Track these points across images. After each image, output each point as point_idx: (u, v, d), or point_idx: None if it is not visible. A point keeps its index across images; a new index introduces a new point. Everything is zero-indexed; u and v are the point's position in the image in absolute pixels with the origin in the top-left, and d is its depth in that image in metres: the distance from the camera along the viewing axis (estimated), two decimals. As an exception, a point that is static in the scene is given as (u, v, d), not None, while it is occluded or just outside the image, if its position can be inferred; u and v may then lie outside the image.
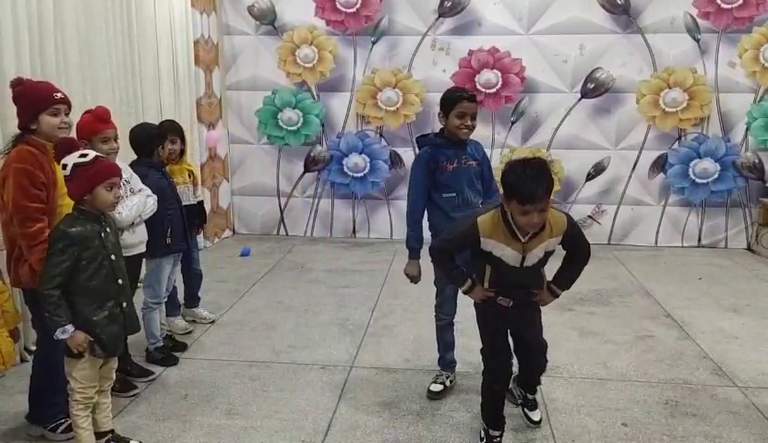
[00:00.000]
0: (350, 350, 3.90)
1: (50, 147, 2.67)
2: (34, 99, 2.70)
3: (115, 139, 3.14)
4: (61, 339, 2.44)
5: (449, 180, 3.09)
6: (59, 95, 2.74)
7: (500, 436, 2.80)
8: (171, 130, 3.98)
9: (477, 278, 2.65)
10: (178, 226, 3.70)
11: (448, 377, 3.35)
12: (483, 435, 2.82)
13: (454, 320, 3.32)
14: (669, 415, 3.09)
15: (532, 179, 2.30)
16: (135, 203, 3.22)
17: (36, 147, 2.66)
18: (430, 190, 3.13)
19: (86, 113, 3.16)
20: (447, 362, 3.38)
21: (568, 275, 2.69)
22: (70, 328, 2.43)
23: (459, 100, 3.02)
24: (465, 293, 2.70)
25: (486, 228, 2.48)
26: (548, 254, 2.60)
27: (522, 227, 2.43)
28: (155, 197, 3.38)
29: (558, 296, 2.73)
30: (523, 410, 3.04)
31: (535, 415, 3.00)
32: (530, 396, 3.01)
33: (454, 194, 3.10)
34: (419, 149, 3.22)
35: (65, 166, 2.46)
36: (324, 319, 4.42)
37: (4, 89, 3.59)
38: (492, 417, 2.80)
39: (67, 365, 2.56)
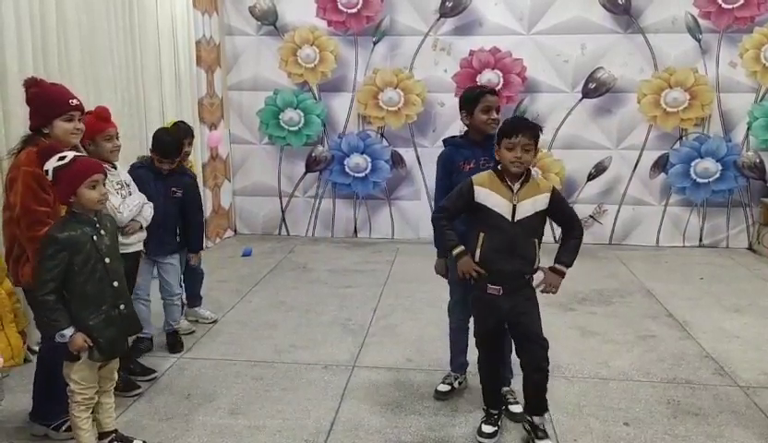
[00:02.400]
0: (352, 350, 3.91)
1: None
2: (49, 103, 2.71)
3: (117, 137, 3.17)
4: (60, 342, 2.44)
5: None
6: (75, 102, 2.75)
7: (498, 413, 2.94)
8: (189, 134, 4.08)
9: (470, 252, 2.72)
10: (153, 234, 3.55)
11: (456, 379, 3.32)
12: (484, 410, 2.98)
13: (468, 326, 3.20)
14: (671, 415, 3.10)
15: (516, 118, 2.75)
16: (135, 203, 3.24)
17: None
18: None
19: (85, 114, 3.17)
20: (458, 364, 3.34)
21: (567, 250, 2.77)
22: (69, 331, 2.43)
23: (482, 95, 3.02)
24: (456, 259, 2.74)
25: (479, 179, 2.73)
26: (538, 216, 2.68)
27: (511, 164, 2.62)
28: (152, 205, 3.39)
29: (563, 275, 2.75)
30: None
31: None
32: (537, 421, 2.78)
33: None
34: None
35: (47, 172, 2.46)
36: (326, 319, 4.43)
37: (6, 87, 3.61)
38: (488, 397, 2.94)
39: (66, 367, 2.55)
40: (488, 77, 6.40)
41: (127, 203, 3.20)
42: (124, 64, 4.89)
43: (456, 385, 3.31)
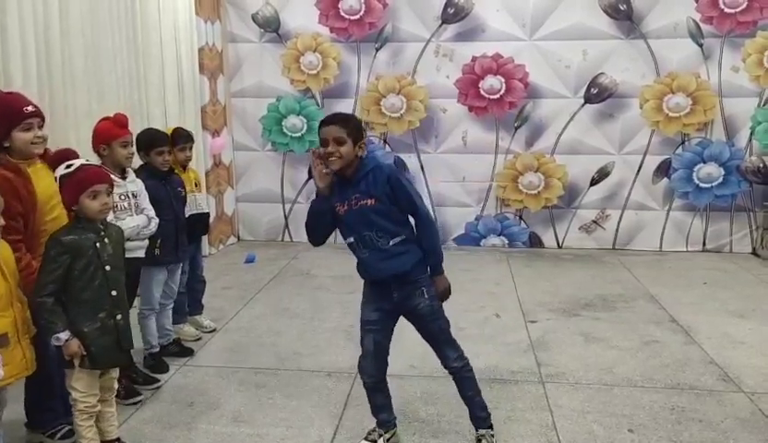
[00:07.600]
0: (356, 356, 3.84)
1: (25, 166, 2.55)
2: (5, 114, 2.50)
3: (132, 144, 3.24)
4: (56, 346, 2.44)
5: None
6: (30, 108, 2.54)
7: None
8: (183, 138, 3.99)
9: None
10: (170, 239, 3.61)
11: (381, 436, 2.87)
12: None
13: (386, 377, 2.85)
14: (675, 421, 3.09)
15: None
16: (136, 225, 3.25)
17: (11, 170, 2.50)
18: None
19: (103, 119, 3.22)
20: (382, 421, 2.89)
21: None
22: (64, 335, 2.42)
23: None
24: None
25: None
26: None
27: None
28: (157, 219, 3.38)
29: None
30: None
31: None
32: None
33: None
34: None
35: (56, 179, 2.49)
36: (329, 326, 4.43)
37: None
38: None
39: (67, 376, 2.56)
40: (491, 82, 6.41)
41: (127, 222, 3.18)
42: (127, 72, 4.91)
43: (380, 442, 2.87)
